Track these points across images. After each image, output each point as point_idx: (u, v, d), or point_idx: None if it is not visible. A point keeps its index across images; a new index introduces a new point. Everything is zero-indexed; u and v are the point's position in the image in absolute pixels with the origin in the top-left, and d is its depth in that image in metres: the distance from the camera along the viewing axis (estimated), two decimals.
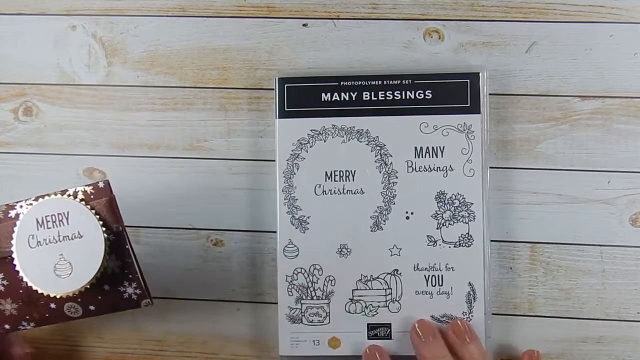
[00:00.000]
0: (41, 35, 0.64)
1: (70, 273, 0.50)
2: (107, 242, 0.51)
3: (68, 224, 0.50)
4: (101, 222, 0.51)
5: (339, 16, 0.62)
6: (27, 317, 0.53)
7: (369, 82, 0.60)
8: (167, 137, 0.63)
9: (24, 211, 0.51)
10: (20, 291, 0.52)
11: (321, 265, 0.60)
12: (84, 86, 0.64)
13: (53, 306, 0.52)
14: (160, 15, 0.63)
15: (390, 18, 0.62)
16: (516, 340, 0.61)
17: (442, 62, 0.62)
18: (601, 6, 0.61)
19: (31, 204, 0.51)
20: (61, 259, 0.50)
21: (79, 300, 0.52)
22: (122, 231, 0.52)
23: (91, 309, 0.53)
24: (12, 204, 0.52)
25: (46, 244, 0.50)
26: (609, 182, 0.61)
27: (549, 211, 0.61)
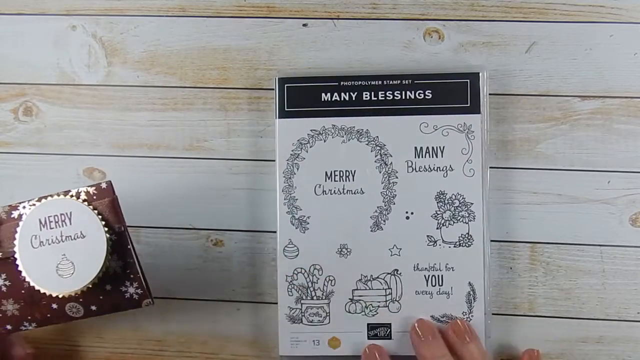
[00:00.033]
0: (41, 35, 0.64)
1: (72, 273, 0.50)
2: (109, 242, 0.51)
3: (71, 224, 0.50)
4: (103, 223, 0.51)
5: (339, 16, 0.62)
6: (28, 317, 0.53)
7: (369, 82, 0.60)
8: (167, 137, 0.63)
9: (26, 212, 0.51)
10: (22, 291, 0.52)
11: (321, 265, 0.60)
12: (84, 86, 0.64)
13: (55, 306, 0.52)
14: (160, 15, 0.63)
15: (390, 18, 0.62)
16: (516, 340, 0.62)
17: (442, 62, 0.62)
18: (601, 6, 0.61)
19: (34, 205, 0.51)
20: (64, 258, 0.50)
21: (81, 300, 0.52)
22: (124, 231, 0.52)
23: (93, 309, 0.53)
24: (15, 205, 0.52)
25: (49, 244, 0.50)
26: (609, 182, 0.61)
27: (549, 211, 0.61)
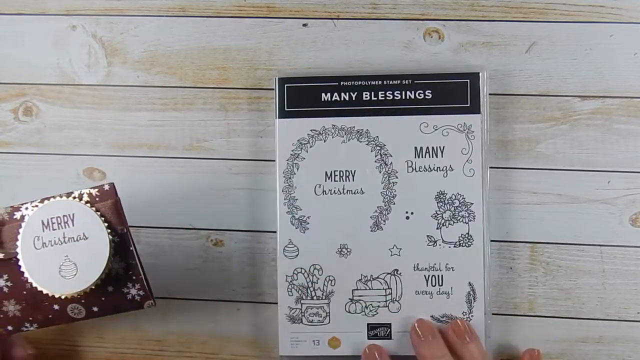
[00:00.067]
0: (41, 35, 0.64)
1: (75, 274, 0.50)
2: (111, 244, 0.51)
3: (73, 225, 0.50)
4: (106, 224, 0.51)
5: (339, 16, 0.62)
6: (30, 318, 0.53)
7: (369, 82, 0.60)
8: (167, 137, 0.63)
9: (29, 213, 0.51)
10: (24, 292, 0.52)
11: (321, 265, 0.60)
12: (84, 86, 0.64)
13: (57, 307, 0.52)
14: (160, 15, 0.63)
15: (390, 18, 0.62)
16: (516, 340, 0.62)
17: (442, 62, 0.62)
18: (601, 6, 0.61)
19: (37, 206, 0.51)
20: (66, 260, 0.50)
21: (83, 302, 0.52)
22: (126, 233, 0.52)
23: (94, 310, 0.53)
24: (17, 206, 0.52)
25: (51, 246, 0.50)
26: (609, 182, 0.61)
27: (549, 211, 0.61)
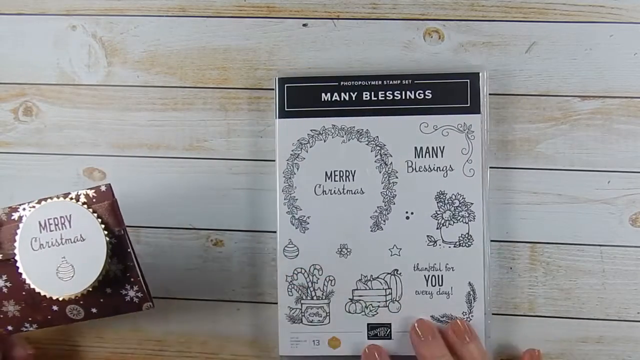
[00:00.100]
0: (41, 35, 0.64)
1: (72, 276, 0.50)
2: (109, 246, 0.51)
3: (70, 227, 0.50)
4: (103, 226, 0.51)
5: (339, 16, 0.62)
6: (29, 318, 0.53)
7: (369, 82, 0.60)
8: (167, 137, 0.63)
9: (26, 214, 0.51)
10: (23, 293, 0.52)
11: (321, 265, 0.60)
12: (84, 86, 0.64)
13: (55, 308, 0.52)
14: (160, 15, 0.63)
15: (390, 18, 0.62)
16: (516, 340, 0.62)
17: (442, 62, 0.62)
18: (601, 6, 0.61)
19: (34, 207, 0.51)
20: (63, 261, 0.50)
21: (81, 303, 0.52)
22: (123, 234, 0.52)
23: (93, 311, 0.53)
24: (15, 207, 0.52)
25: (49, 247, 0.50)
26: (609, 182, 0.61)
27: (549, 211, 0.61)
